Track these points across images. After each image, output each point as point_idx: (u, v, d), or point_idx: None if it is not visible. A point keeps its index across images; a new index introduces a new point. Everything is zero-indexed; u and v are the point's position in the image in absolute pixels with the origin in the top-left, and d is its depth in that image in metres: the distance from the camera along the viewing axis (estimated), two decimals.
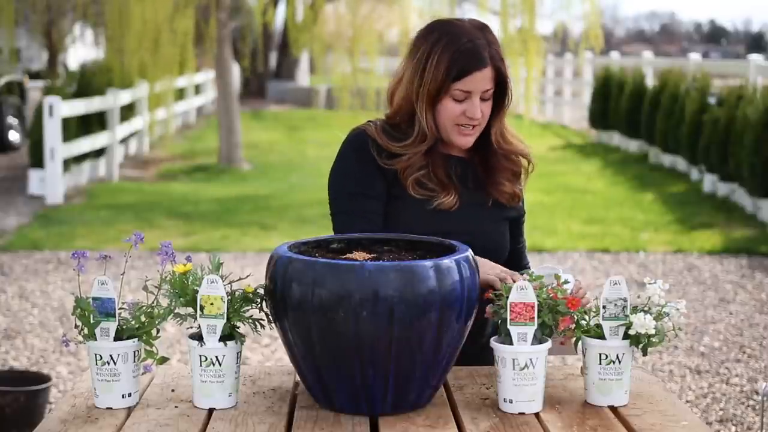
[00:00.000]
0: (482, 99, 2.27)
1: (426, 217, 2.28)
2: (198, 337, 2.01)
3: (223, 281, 1.98)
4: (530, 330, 1.97)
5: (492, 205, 2.36)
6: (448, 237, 2.13)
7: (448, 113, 2.27)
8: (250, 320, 2.02)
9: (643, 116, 12.92)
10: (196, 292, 1.98)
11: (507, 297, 1.99)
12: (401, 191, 2.30)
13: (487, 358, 2.13)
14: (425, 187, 2.29)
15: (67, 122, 10.49)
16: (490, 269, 2.18)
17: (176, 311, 2.02)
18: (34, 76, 20.48)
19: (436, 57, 2.25)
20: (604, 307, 2.02)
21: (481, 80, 2.25)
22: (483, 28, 2.30)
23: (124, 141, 13.70)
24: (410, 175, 2.28)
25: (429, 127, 2.28)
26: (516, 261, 2.45)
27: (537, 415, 1.99)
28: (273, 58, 27.30)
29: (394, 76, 2.37)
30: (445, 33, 2.27)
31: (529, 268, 2.39)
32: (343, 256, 2.04)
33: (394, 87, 2.35)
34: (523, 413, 1.99)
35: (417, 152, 2.29)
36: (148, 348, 2.03)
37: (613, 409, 2.04)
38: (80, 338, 2.02)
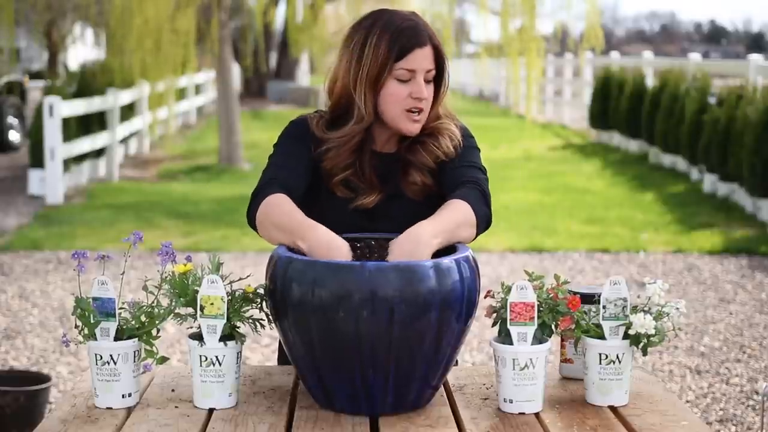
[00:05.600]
0: (425, 81, 2.22)
1: (347, 215, 2.23)
2: (198, 337, 2.01)
3: (223, 281, 1.98)
4: (530, 330, 1.97)
5: (411, 198, 2.26)
6: (372, 231, 2.20)
7: (395, 97, 2.20)
8: (250, 320, 2.02)
9: (643, 116, 12.92)
10: (197, 292, 1.98)
11: (507, 297, 2.00)
12: (327, 185, 2.26)
13: None
14: (351, 186, 2.25)
15: (67, 122, 10.49)
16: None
17: (176, 311, 2.02)
18: (34, 76, 20.45)
19: (374, 39, 2.20)
20: (604, 307, 2.02)
21: (423, 59, 2.20)
22: (415, 14, 2.26)
23: (124, 141, 13.70)
24: (336, 174, 2.24)
25: (368, 111, 2.22)
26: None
27: (537, 415, 1.99)
28: (273, 58, 27.31)
29: (328, 72, 2.31)
30: (379, 18, 2.23)
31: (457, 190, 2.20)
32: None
33: (331, 81, 2.29)
34: (523, 413, 1.99)
35: (348, 144, 2.23)
36: (148, 348, 2.03)
37: (613, 409, 2.04)
38: (80, 338, 2.02)
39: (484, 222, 2.18)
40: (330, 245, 1.99)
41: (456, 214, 2.12)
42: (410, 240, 2.01)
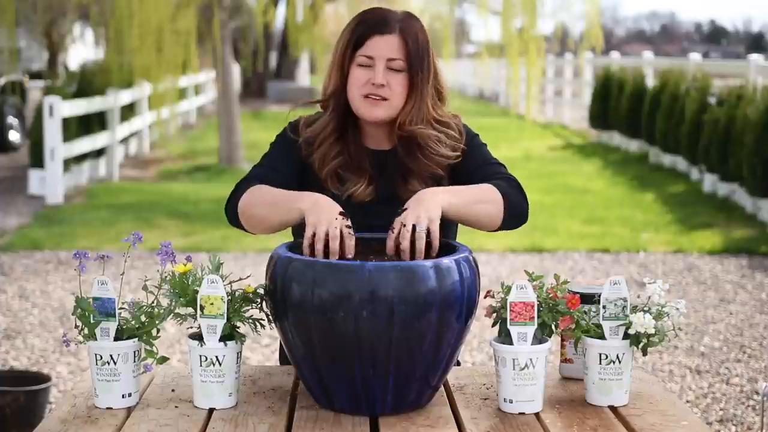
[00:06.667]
0: (391, 69, 2.21)
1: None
2: (198, 337, 2.01)
3: (223, 281, 1.98)
4: (530, 330, 1.97)
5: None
6: (367, 230, 2.15)
7: (355, 81, 2.22)
8: (250, 320, 2.02)
9: (643, 116, 12.91)
10: (197, 292, 1.98)
11: (507, 296, 2.00)
12: (319, 182, 2.26)
13: None
14: (342, 179, 2.25)
15: (67, 122, 10.49)
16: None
17: (176, 311, 2.02)
18: (34, 76, 20.46)
19: (345, 31, 2.26)
20: (604, 307, 2.02)
21: (384, 46, 2.19)
22: (409, 15, 2.25)
23: (124, 141, 13.70)
24: (326, 165, 2.25)
25: (335, 91, 2.25)
26: None
27: (537, 415, 1.99)
28: (273, 58, 27.31)
29: None
30: (361, 12, 2.27)
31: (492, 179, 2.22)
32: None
33: None
34: (523, 413, 1.99)
35: (331, 137, 2.25)
36: (148, 348, 2.03)
37: (613, 409, 2.04)
38: (80, 338, 2.02)
39: (514, 206, 2.19)
40: (328, 201, 2.04)
41: (473, 189, 2.15)
42: (417, 194, 2.07)
